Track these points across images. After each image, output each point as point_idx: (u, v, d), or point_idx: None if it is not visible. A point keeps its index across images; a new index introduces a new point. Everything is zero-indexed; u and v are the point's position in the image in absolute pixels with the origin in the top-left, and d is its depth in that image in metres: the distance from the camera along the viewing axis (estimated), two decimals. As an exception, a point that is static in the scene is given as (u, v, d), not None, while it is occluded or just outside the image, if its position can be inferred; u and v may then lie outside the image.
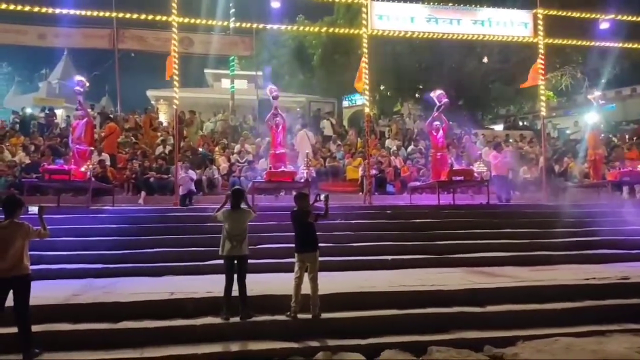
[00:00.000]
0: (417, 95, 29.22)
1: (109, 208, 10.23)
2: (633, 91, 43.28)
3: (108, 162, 12.94)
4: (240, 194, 5.85)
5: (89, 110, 13.95)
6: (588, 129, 14.81)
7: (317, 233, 5.71)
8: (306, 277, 5.43)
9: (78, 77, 10.91)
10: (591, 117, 15.63)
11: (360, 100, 22.04)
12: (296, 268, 5.46)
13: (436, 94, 11.81)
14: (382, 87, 29.27)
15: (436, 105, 11.69)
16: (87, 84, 10.95)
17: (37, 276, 5.34)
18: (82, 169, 10.24)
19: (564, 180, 14.74)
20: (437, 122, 11.66)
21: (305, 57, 29.36)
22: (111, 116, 17.78)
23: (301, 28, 20.30)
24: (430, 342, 5.01)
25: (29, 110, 21.30)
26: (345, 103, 27.62)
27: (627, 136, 21.63)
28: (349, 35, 15.82)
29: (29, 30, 16.76)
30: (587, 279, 6.59)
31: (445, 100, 11.65)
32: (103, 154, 13.20)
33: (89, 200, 10.26)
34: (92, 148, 11.21)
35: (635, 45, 14.47)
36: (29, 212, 5.05)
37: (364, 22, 12.01)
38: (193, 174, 12.12)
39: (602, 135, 17.24)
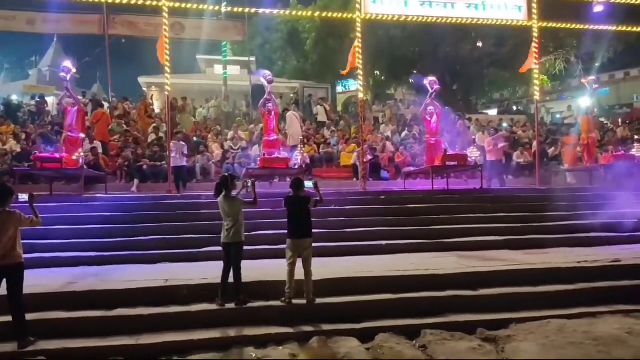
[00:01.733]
0: (411, 80, 29.10)
1: (102, 196, 10.18)
2: (626, 75, 43.35)
3: (100, 150, 12.84)
4: (225, 181, 5.76)
5: (80, 97, 13.80)
6: (581, 113, 14.84)
7: (313, 219, 5.72)
8: (299, 263, 5.45)
9: (64, 63, 10.70)
10: (584, 101, 15.66)
11: (354, 85, 21.93)
12: (289, 254, 5.47)
13: (428, 81, 11.84)
14: (376, 72, 29.12)
15: (429, 91, 11.69)
16: (74, 70, 10.76)
17: (30, 265, 5.33)
18: (74, 156, 10.15)
19: (557, 164, 14.80)
20: (430, 108, 11.67)
21: (298, 42, 29.11)
22: (103, 103, 17.58)
23: (294, 12, 20.07)
24: (424, 325, 5.07)
25: (14, 97, 20.99)
26: (339, 88, 27.46)
27: (620, 120, 21.71)
28: (342, 20, 15.68)
29: (17, 16, 16.49)
30: (580, 262, 6.66)
31: (436, 86, 11.67)
32: (95, 141, 13.09)
33: (82, 188, 10.19)
34: (84, 135, 11.11)
35: (629, 28, 14.44)
36: (19, 200, 5.01)
37: (357, 6, 11.89)
38: (185, 148, 11.95)
39: (596, 118, 17.26)
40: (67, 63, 10.62)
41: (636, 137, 14.54)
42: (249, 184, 5.94)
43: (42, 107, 18.16)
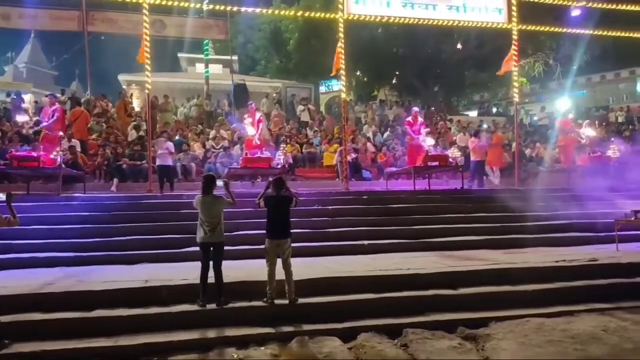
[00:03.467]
0: (393, 81, 29.27)
1: (80, 195, 10.00)
2: (602, 78, 44.39)
3: (78, 149, 12.62)
4: (211, 180, 5.75)
5: (59, 95, 13.58)
6: (559, 115, 15.13)
7: (295, 219, 5.70)
8: (279, 263, 5.44)
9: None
10: (562, 103, 15.99)
11: (337, 85, 21.96)
12: (269, 254, 5.45)
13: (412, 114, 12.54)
14: (358, 73, 29.22)
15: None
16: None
17: (6, 265, 5.23)
18: (52, 155, 9.96)
19: (535, 165, 15.05)
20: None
21: (281, 42, 29.03)
22: (82, 100, 17.29)
23: (277, 12, 20.02)
24: (405, 324, 5.09)
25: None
26: (322, 88, 27.47)
27: (596, 122, 22.16)
28: (325, 20, 15.67)
29: (-9, 10, 16.13)
30: (558, 261, 6.77)
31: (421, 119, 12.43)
32: (73, 139, 12.86)
33: (60, 187, 10.00)
34: (62, 134, 10.91)
35: (605, 33, 14.75)
36: (-4, 200, 4.90)
37: (340, 6, 11.91)
38: (171, 146, 11.84)
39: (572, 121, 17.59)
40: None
41: (612, 138, 14.88)
42: (221, 184, 5.92)
43: (19, 105, 17.75)
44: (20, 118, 9.69)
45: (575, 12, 13.79)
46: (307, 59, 26.81)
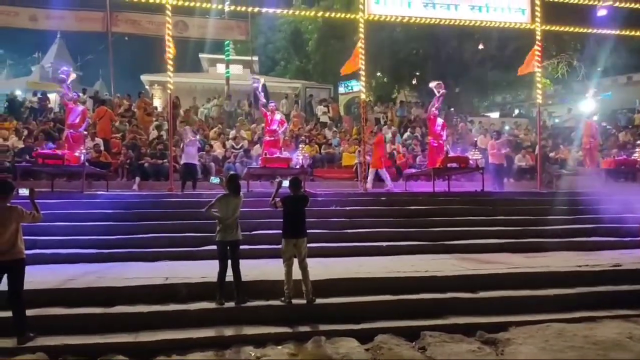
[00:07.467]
0: (414, 82, 29.07)
1: (103, 193, 10.19)
2: (629, 79, 43.26)
3: (102, 147, 12.87)
4: (238, 179, 5.87)
5: (81, 94, 13.88)
6: (584, 117, 14.84)
7: (313, 219, 5.72)
8: (296, 263, 5.46)
9: (63, 68, 10.82)
10: (587, 105, 15.68)
11: (357, 86, 21.92)
12: (286, 254, 5.48)
13: (434, 85, 11.96)
14: (378, 74, 29.10)
15: (436, 95, 11.77)
16: (73, 75, 10.87)
17: (31, 261, 5.31)
18: (76, 153, 10.17)
19: (558, 167, 14.79)
20: (435, 109, 11.73)
21: (301, 43, 29.12)
22: (104, 100, 17.62)
23: (297, 12, 20.07)
24: (423, 327, 5.05)
25: (18, 93, 21.01)
26: (340, 89, 27.44)
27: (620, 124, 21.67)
28: (345, 20, 15.66)
29: (19, 12, 16.56)
30: (580, 266, 6.64)
31: (442, 90, 11.80)
32: (96, 138, 13.12)
33: (83, 185, 10.20)
34: (86, 132, 11.15)
35: (632, 33, 14.41)
36: (20, 195, 5.01)
37: (360, 6, 11.90)
38: (198, 139, 12.08)
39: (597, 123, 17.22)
40: (67, 67, 10.80)
41: (638, 142, 14.55)
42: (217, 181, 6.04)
43: (45, 104, 18.20)
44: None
45: (602, 12, 13.48)
46: (326, 59, 26.84)
